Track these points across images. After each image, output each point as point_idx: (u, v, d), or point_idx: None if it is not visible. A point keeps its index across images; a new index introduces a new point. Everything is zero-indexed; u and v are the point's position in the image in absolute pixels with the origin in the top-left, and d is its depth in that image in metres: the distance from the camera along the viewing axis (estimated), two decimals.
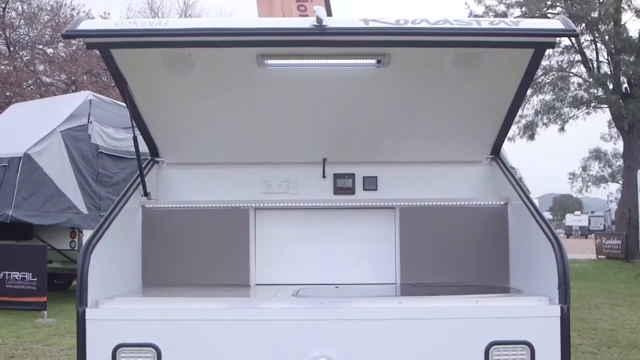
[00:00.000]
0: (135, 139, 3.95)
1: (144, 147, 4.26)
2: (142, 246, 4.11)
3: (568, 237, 64.03)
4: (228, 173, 4.42)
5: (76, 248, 11.99)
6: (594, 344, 8.92)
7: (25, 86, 27.01)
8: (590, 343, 8.99)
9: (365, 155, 4.36)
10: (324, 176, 4.43)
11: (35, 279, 10.88)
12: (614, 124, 30.77)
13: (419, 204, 4.17)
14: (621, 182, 36.78)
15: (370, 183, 4.44)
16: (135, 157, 4.02)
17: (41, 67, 28.85)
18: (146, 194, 4.08)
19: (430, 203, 4.17)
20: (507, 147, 4.51)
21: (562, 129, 31.33)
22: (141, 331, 3.07)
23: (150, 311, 3.14)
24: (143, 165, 4.11)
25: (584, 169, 52.74)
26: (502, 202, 4.10)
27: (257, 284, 4.17)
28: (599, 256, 29.76)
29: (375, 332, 3.04)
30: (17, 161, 11.77)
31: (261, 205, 4.25)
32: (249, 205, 4.21)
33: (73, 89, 26.16)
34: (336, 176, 4.43)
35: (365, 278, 4.17)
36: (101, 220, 3.52)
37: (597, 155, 50.91)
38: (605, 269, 22.78)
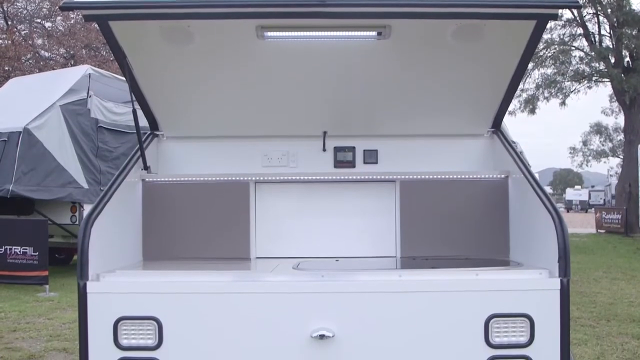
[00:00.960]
0: (134, 112, 3.93)
1: (144, 122, 4.24)
2: (143, 220, 4.11)
3: (568, 212, 64.20)
4: (228, 146, 4.41)
5: (77, 222, 12.03)
6: (592, 317, 8.98)
7: (23, 60, 26.88)
8: (589, 316, 9.05)
9: (365, 128, 4.35)
10: (324, 149, 4.42)
11: (37, 254, 10.93)
12: (615, 98, 30.68)
13: (419, 177, 4.16)
14: (622, 157, 36.74)
15: (371, 156, 4.43)
16: (135, 131, 4.00)
17: (39, 41, 28.68)
18: (146, 168, 4.07)
19: (431, 176, 4.16)
20: (507, 121, 4.49)
21: (563, 103, 31.24)
22: (142, 304, 3.08)
23: (151, 284, 3.15)
24: (143, 139, 4.09)
25: (585, 143, 52.72)
26: (502, 176, 4.09)
27: (257, 257, 4.18)
28: (598, 230, 29.86)
29: (376, 304, 3.05)
30: (17, 136, 11.75)
31: (261, 178, 4.24)
32: (249, 178, 4.20)
33: (72, 63, 26.03)
34: (336, 149, 4.42)
35: (365, 251, 4.18)
36: (101, 194, 3.52)
37: (598, 129, 50.85)
38: (605, 243, 22.86)
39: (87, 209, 10.94)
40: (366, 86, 3.99)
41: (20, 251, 11.05)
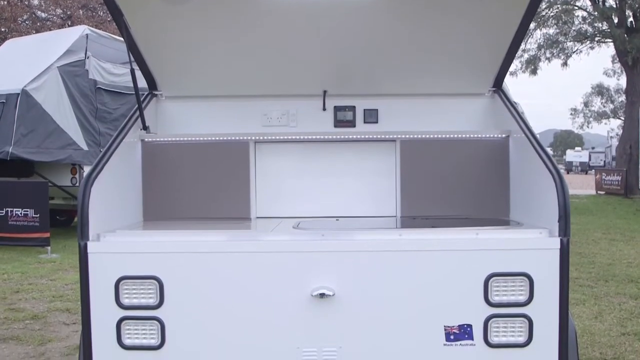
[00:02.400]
0: (132, 71, 3.89)
1: (143, 83, 4.21)
2: (143, 180, 4.10)
3: (568, 173, 64.25)
4: (227, 106, 4.38)
5: (77, 184, 12.05)
6: (591, 278, 9.05)
7: (20, 21, 26.62)
8: (587, 277, 9.11)
9: (366, 87, 4.31)
10: (324, 109, 4.38)
11: (38, 215, 10.96)
12: (617, 58, 30.44)
13: (420, 136, 4.14)
14: (623, 118, 36.65)
15: (371, 116, 4.40)
16: (134, 92, 3.96)
17: (36, 2, 28.34)
18: (145, 128, 4.04)
19: (432, 136, 4.14)
20: (509, 82, 4.44)
21: (565, 64, 31.05)
22: (143, 263, 3.09)
23: (151, 244, 3.15)
24: (141, 99, 4.06)
25: (586, 104, 52.52)
26: (503, 135, 4.07)
27: (257, 217, 4.18)
28: (598, 192, 29.93)
29: (376, 263, 3.06)
30: (15, 97, 11.70)
31: (261, 138, 4.22)
32: (249, 138, 4.18)
33: (69, 23, 25.78)
34: (336, 109, 4.39)
35: (365, 211, 4.18)
36: (100, 154, 3.50)
37: (600, 90, 50.61)
38: (605, 205, 22.94)
39: (87, 170, 10.98)
40: (366, 45, 3.94)
41: (21, 213, 11.09)
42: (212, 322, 3.06)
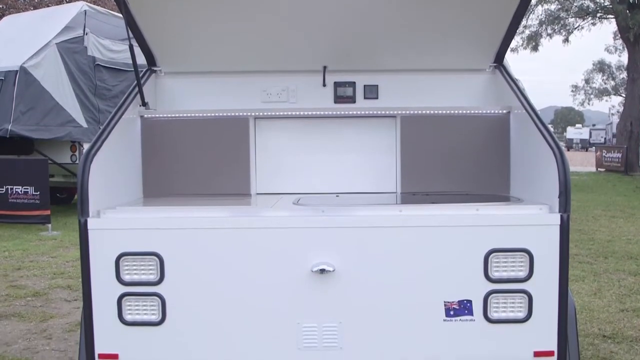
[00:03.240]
0: (131, 47, 3.86)
1: (142, 60, 4.18)
2: (142, 157, 4.09)
3: (569, 150, 64.22)
4: (227, 82, 4.35)
5: (77, 162, 12.05)
6: (590, 254, 9.07)
7: None
8: (587, 253, 9.14)
9: (366, 63, 4.27)
10: (324, 85, 4.36)
11: (38, 193, 10.97)
12: (619, 35, 30.26)
13: (420, 112, 4.12)
14: (624, 95, 36.52)
15: (371, 91, 4.37)
16: (133, 69, 3.93)
17: None
18: (144, 104, 4.02)
19: (432, 112, 4.11)
20: (510, 59, 4.41)
21: (566, 40, 30.90)
22: (143, 240, 3.09)
23: (151, 220, 3.14)
24: (140, 75, 4.04)
25: (587, 81, 52.36)
26: (504, 111, 4.05)
27: (257, 193, 4.17)
28: (598, 169, 29.94)
29: (376, 239, 3.06)
30: (14, 75, 11.66)
31: (261, 114, 4.20)
32: (249, 114, 4.16)
33: (67, 0, 25.55)
34: (337, 84, 4.36)
35: (365, 187, 4.17)
36: (100, 131, 3.48)
37: (601, 67, 50.41)
38: (605, 182, 22.96)
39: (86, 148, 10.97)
40: (367, 20, 3.90)
41: (21, 191, 11.10)
42: (213, 298, 3.08)
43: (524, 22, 28.10)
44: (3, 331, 5.78)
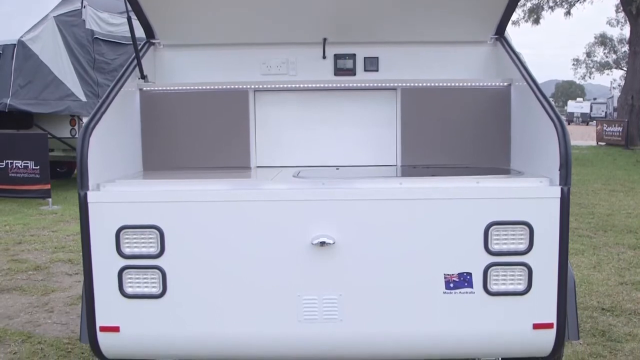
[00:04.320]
0: (129, 19, 3.82)
1: (140, 33, 4.14)
2: (142, 130, 4.07)
3: (569, 124, 64.08)
4: (226, 54, 4.31)
5: (76, 136, 12.02)
6: (590, 228, 9.10)
7: None
8: (587, 227, 9.17)
9: (366, 35, 4.24)
10: (324, 57, 4.32)
11: (38, 167, 10.98)
12: (621, 7, 30.02)
13: (421, 85, 4.09)
14: (626, 69, 36.35)
15: (372, 64, 4.34)
16: (132, 42, 3.89)
17: None
18: (143, 77, 3.99)
19: (433, 84, 4.08)
20: (511, 32, 4.36)
21: (568, 13, 30.66)
22: (143, 213, 3.08)
23: (151, 193, 3.13)
24: (139, 48, 4.00)
25: (589, 54, 52.12)
26: (505, 84, 4.03)
27: (257, 166, 4.17)
28: (599, 143, 29.92)
29: (376, 212, 3.05)
30: (12, 48, 11.60)
31: (260, 87, 4.17)
32: (248, 87, 4.13)
33: None
34: (337, 57, 4.33)
35: (366, 160, 4.16)
36: (98, 104, 3.46)
37: (603, 40, 50.15)
38: (605, 156, 22.96)
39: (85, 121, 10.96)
40: None
41: (21, 165, 11.10)
42: (213, 270, 3.08)
43: None
44: (5, 305, 5.81)
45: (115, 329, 3.12)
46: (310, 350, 3.17)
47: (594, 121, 46.48)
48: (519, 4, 4.07)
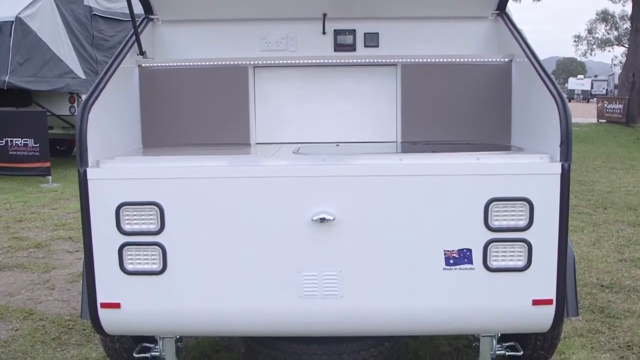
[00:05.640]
0: None
1: (139, 9, 4.10)
2: (141, 106, 4.05)
3: (570, 101, 63.92)
4: (225, 30, 4.28)
5: (76, 113, 12.00)
6: (590, 205, 9.11)
7: None
8: (587, 204, 9.18)
9: (366, 10, 4.20)
10: (324, 32, 4.29)
11: (38, 145, 10.97)
12: None
13: (421, 60, 4.06)
14: (627, 46, 36.15)
15: (372, 39, 4.30)
16: (130, 19, 3.86)
17: None
18: (142, 53, 3.96)
19: (433, 60, 4.05)
20: (512, 8, 4.33)
21: None
22: (143, 189, 3.07)
23: (151, 170, 3.12)
24: (137, 24, 3.97)
25: (590, 31, 51.83)
26: (506, 59, 4.00)
27: (257, 143, 4.15)
28: (600, 120, 29.86)
29: (376, 188, 3.04)
30: (9, 25, 11.53)
31: (260, 63, 4.15)
32: (248, 63, 4.11)
33: None
34: (336, 32, 4.29)
35: (366, 136, 4.15)
36: (97, 80, 3.44)
37: (604, 17, 49.86)
38: (606, 133, 22.93)
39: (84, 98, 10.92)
40: None
41: (21, 143, 11.09)
42: (213, 247, 3.08)
43: None
44: (6, 282, 5.83)
45: (116, 306, 3.13)
46: (311, 326, 3.19)
47: (595, 98, 46.34)
48: None
